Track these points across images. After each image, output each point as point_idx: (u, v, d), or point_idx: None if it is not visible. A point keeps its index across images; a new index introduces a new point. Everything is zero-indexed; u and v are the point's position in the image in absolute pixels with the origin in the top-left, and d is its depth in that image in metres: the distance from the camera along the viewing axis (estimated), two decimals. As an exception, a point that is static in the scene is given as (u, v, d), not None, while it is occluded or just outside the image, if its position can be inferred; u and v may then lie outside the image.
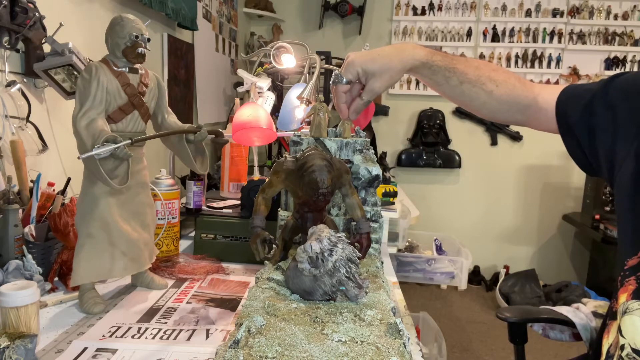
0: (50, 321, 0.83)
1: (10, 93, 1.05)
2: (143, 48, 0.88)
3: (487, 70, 0.82)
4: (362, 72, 0.79)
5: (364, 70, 0.79)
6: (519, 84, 0.82)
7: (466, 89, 0.82)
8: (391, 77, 0.79)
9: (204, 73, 2.46)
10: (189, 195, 1.33)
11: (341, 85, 0.81)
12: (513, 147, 3.72)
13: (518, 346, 1.30)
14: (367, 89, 0.81)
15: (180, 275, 1.07)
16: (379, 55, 0.79)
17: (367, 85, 0.80)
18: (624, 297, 0.61)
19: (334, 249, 0.60)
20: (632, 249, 0.63)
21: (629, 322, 0.59)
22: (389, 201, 1.71)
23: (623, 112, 0.68)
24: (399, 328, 0.55)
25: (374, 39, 3.68)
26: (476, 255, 3.62)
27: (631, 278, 0.61)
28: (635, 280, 0.61)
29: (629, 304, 0.60)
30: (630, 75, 0.73)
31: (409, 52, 0.80)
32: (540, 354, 2.63)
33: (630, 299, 0.60)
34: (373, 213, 0.91)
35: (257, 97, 1.38)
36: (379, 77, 0.79)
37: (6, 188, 0.97)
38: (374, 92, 0.80)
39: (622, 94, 0.70)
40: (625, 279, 0.62)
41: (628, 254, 0.64)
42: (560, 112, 0.79)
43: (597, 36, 3.52)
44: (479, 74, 0.81)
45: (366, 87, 0.81)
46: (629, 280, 0.62)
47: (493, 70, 0.82)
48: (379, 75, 0.79)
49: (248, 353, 0.48)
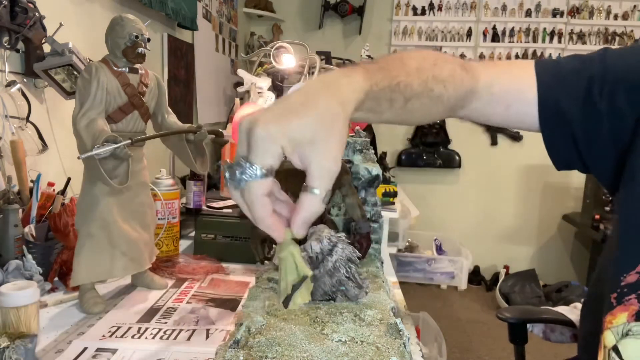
0: (50, 321, 0.83)
1: (10, 93, 1.05)
2: (143, 48, 0.88)
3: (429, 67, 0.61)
4: (288, 146, 0.43)
5: (292, 141, 0.43)
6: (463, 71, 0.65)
7: (413, 106, 0.60)
8: (341, 135, 0.45)
9: (204, 73, 2.46)
10: (189, 195, 1.33)
11: (257, 183, 0.43)
12: (513, 147, 3.73)
13: (518, 346, 1.30)
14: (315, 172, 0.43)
15: (180, 275, 1.07)
16: (302, 105, 0.45)
17: (310, 164, 0.43)
18: (623, 317, 0.57)
19: (334, 249, 0.60)
20: (629, 263, 0.58)
21: (634, 346, 0.55)
22: (389, 201, 1.71)
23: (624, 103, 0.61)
24: (399, 328, 0.55)
25: (374, 39, 3.68)
26: (476, 255, 3.62)
27: (631, 296, 0.57)
28: (636, 300, 0.57)
29: (632, 325, 0.56)
30: (625, 52, 0.66)
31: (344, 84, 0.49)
32: (540, 354, 2.63)
33: (633, 320, 0.56)
34: (373, 213, 0.91)
35: (257, 97, 1.38)
36: (324, 143, 0.44)
37: (6, 188, 0.97)
38: (331, 172, 0.44)
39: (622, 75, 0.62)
40: (623, 297, 0.58)
41: (624, 268, 0.59)
42: (546, 96, 0.66)
43: (597, 36, 3.53)
44: (423, 79, 0.60)
45: (311, 169, 0.43)
46: (628, 299, 0.57)
47: (435, 65, 0.62)
48: (322, 141, 0.43)
49: (248, 353, 0.48)
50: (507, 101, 0.68)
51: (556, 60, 0.70)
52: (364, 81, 0.52)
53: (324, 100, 0.46)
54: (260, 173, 0.43)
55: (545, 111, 0.67)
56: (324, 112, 0.45)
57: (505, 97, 0.68)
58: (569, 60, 0.68)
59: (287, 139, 0.43)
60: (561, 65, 0.68)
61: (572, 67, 0.66)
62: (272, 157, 0.43)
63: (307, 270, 0.47)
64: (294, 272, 0.47)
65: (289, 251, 0.46)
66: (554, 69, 0.68)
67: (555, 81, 0.66)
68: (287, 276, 0.47)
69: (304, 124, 0.43)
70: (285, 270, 0.47)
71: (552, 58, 0.70)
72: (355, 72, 0.52)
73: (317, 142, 0.43)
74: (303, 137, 0.43)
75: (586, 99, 0.64)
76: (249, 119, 0.44)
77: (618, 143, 0.64)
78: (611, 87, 0.63)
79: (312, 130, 0.43)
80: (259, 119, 0.43)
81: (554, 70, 0.67)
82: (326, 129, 0.44)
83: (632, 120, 0.61)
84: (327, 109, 0.45)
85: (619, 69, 0.63)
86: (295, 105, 0.45)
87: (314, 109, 0.45)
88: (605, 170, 0.67)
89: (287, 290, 0.46)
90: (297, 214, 0.45)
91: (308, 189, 0.44)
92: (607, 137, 0.64)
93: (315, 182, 0.44)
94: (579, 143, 0.66)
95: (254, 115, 0.44)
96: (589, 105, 0.64)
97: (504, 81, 0.68)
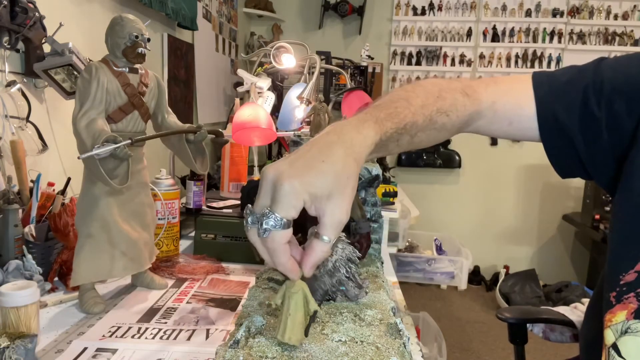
0: (50, 321, 0.83)
1: (10, 93, 1.05)
2: (143, 48, 0.88)
3: (433, 101, 0.64)
4: (309, 200, 0.48)
5: (312, 195, 0.47)
6: (465, 98, 0.67)
7: (419, 139, 0.64)
8: (353, 190, 0.50)
9: (204, 73, 2.46)
10: (189, 195, 1.33)
11: (281, 233, 0.47)
12: (513, 147, 3.73)
13: (518, 346, 1.31)
14: (328, 223, 0.48)
15: (180, 275, 1.07)
16: (323, 163, 0.49)
17: (324, 215, 0.48)
18: (622, 315, 0.58)
19: (333, 248, 0.60)
20: (628, 262, 0.59)
21: (633, 343, 0.56)
22: (389, 201, 1.71)
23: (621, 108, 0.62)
24: (399, 328, 0.55)
25: (374, 39, 3.69)
26: (476, 255, 3.62)
27: (630, 295, 0.58)
28: (635, 298, 0.57)
29: (630, 323, 0.57)
30: (620, 61, 0.66)
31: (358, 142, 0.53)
32: (540, 354, 2.63)
33: (632, 318, 0.57)
34: (373, 213, 0.91)
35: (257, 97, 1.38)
36: (339, 197, 0.48)
37: (6, 188, 0.97)
38: (341, 223, 0.49)
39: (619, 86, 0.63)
40: (622, 296, 0.59)
41: (623, 267, 0.59)
42: (544, 111, 0.68)
43: (597, 36, 3.53)
44: (427, 115, 0.63)
45: (325, 220, 0.48)
46: (627, 297, 0.58)
47: (439, 98, 0.65)
48: (338, 196, 0.48)
49: (248, 353, 0.48)
50: (509, 118, 0.71)
51: (552, 72, 0.71)
52: (375, 135, 0.55)
53: (341, 159, 0.50)
54: (283, 223, 0.47)
55: (544, 125, 0.68)
56: (341, 171, 0.49)
57: (507, 115, 0.71)
58: (565, 72, 0.69)
59: (309, 194, 0.47)
60: (557, 78, 0.69)
61: (568, 79, 0.68)
62: (295, 210, 0.47)
63: (316, 306, 0.51)
64: (302, 308, 0.50)
65: (300, 287, 0.50)
66: (550, 82, 0.69)
67: (552, 94, 0.68)
68: (296, 311, 0.50)
69: (324, 181, 0.48)
70: (295, 305, 0.50)
71: (549, 70, 0.72)
72: (367, 126, 0.55)
73: (333, 196, 0.48)
74: (322, 193, 0.48)
75: (583, 109, 0.65)
76: (274, 172, 0.48)
77: (617, 150, 0.64)
78: (608, 96, 0.64)
79: (331, 187, 0.48)
80: (284, 173, 0.47)
81: (550, 84, 0.69)
82: (342, 186, 0.49)
83: (630, 128, 0.62)
84: (344, 168, 0.49)
85: (615, 79, 0.64)
86: (317, 162, 0.49)
87: (333, 167, 0.49)
88: (606, 177, 0.68)
89: (298, 324, 0.50)
90: (308, 258, 0.50)
91: (319, 237, 0.49)
92: (606, 145, 0.65)
93: (327, 231, 0.48)
94: (580, 152, 0.67)
95: (279, 167, 0.49)
96: (586, 114, 0.65)
97: (505, 99, 0.70)
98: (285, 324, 0.49)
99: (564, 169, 0.72)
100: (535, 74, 0.71)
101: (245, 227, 0.50)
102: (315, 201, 0.48)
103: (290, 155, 0.51)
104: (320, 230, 0.49)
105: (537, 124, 0.69)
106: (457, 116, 0.66)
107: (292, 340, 0.49)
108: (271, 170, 0.49)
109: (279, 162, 0.50)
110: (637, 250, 0.59)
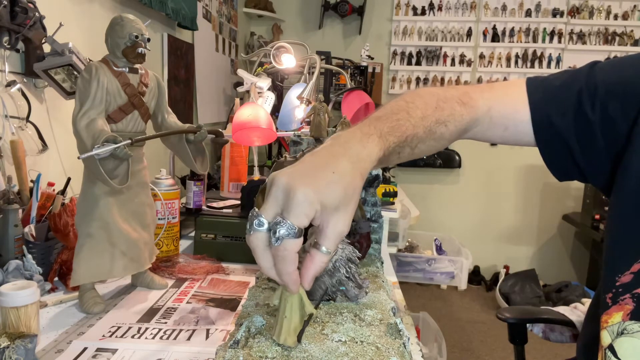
0: (50, 321, 0.83)
1: (10, 93, 1.05)
2: (143, 48, 0.88)
3: (432, 112, 0.65)
4: (319, 210, 0.47)
5: (322, 205, 0.47)
6: (462, 107, 0.68)
7: (420, 150, 0.65)
8: (355, 204, 0.51)
9: (204, 73, 2.46)
10: (189, 195, 1.33)
11: (294, 241, 0.46)
12: (513, 148, 3.72)
13: (518, 346, 1.31)
14: (330, 234, 0.48)
15: (180, 275, 1.07)
16: (334, 174, 0.49)
17: (327, 226, 0.48)
18: (619, 317, 0.58)
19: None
20: (623, 263, 0.59)
21: (629, 344, 0.56)
22: (389, 201, 1.71)
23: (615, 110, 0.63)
24: (399, 328, 0.55)
25: (374, 39, 3.69)
26: (476, 255, 3.62)
27: (626, 296, 0.58)
28: (631, 299, 0.57)
29: (626, 324, 0.57)
30: (615, 63, 0.67)
31: (364, 157, 0.53)
32: (540, 354, 2.63)
33: (628, 319, 0.57)
34: (373, 213, 0.91)
35: (257, 97, 1.38)
36: (344, 210, 0.49)
37: (6, 188, 0.97)
38: (342, 235, 0.49)
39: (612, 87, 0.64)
40: (618, 297, 0.59)
41: (619, 269, 0.59)
42: (538, 116, 0.68)
43: (597, 36, 3.53)
44: (427, 126, 0.64)
45: (327, 231, 0.48)
46: (623, 298, 0.58)
47: (437, 109, 0.65)
48: (343, 208, 0.49)
49: (248, 353, 0.48)
50: (504, 124, 0.72)
51: (546, 77, 0.72)
52: (379, 151, 0.56)
53: (349, 172, 0.50)
54: (296, 232, 0.46)
55: (539, 129, 0.69)
56: (349, 184, 0.49)
57: (502, 121, 0.72)
58: (559, 76, 0.70)
59: (320, 204, 0.47)
60: (550, 82, 0.70)
61: (562, 83, 0.68)
62: (308, 218, 0.46)
63: (312, 308, 0.51)
64: (298, 311, 0.51)
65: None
66: (544, 87, 0.70)
67: (546, 99, 0.69)
68: (293, 314, 0.50)
69: (334, 192, 0.48)
70: (290, 309, 0.50)
71: (543, 75, 0.74)
72: (371, 140, 0.55)
73: (339, 208, 0.48)
74: (331, 204, 0.48)
75: (577, 112, 0.66)
76: (287, 180, 0.47)
77: (612, 152, 0.65)
78: (602, 99, 0.64)
79: (340, 198, 0.48)
80: (297, 181, 0.47)
81: (544, 88, 0.70)
82: (349, 198, 0.49)
83: (625, 130, 0.63)
84: (352, 181, 0.50)
85: (609, 81, 0.64)
86: (327, 172, 0.49)
87: (342, 179, 0.49)
88: (602, 179, 0.68)
89: (294, 326, 0.50)
90: (308, 270, 0.49)
91: (319, 247, 0.48)
92: (601, 147, 0.65)
93: (328, 243, 0.48)
94: (576, 155, 0.68)
95: (290, 174, 0.48)
96: (580, 117, 0.66)
97: (501, 105, 0.71)
98: (281, 325, 0.50)
99: (561, 172, 0.73)
100: (529, 79, 0.72)
101: (247, 230, 0.48)
102: (323, 212, 0.47)
103: (297, 164, 0.51)
104: (320, 241, 0.48)
105: (532, 129, 0.70)
106: (455, 125, 0.67)
107: (287, 342, 0.49)
108: (282, 177, 0.48)
109: (289, 170, 0.49)
110: (632, 251, 0.59)
